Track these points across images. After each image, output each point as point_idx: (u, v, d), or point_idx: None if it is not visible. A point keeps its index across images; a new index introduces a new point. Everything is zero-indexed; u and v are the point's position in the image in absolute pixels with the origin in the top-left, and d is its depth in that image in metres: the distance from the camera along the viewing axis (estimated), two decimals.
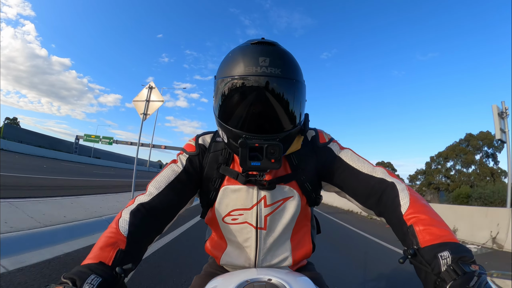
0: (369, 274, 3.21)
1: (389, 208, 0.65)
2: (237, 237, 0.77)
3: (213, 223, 0.82)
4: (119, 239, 0.58)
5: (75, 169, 16.36)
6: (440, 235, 0.54)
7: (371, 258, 3.96)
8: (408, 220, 0.59)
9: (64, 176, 10.71)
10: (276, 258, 0.78)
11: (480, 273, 0.46)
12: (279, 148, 0.61)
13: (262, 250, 0.77)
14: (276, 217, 0.75)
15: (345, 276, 3.07)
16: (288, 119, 0.66)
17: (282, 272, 0.65)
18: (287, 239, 0.79)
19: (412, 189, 0.67)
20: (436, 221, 0.57)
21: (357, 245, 5.08)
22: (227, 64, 0.67)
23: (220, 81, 0.66)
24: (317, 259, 0.91)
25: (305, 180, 0.75)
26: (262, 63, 0.62)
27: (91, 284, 0.47)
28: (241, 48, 0.67)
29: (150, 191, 0.70)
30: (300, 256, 0.81)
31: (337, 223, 7.89)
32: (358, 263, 3.64)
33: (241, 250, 0.78)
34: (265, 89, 0.62)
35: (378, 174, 0.70)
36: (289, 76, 0.64)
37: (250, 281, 0.58)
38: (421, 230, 0.56)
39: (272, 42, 0.67)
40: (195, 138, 0.81)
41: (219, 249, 0.83)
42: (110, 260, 0.54)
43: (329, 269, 3.16)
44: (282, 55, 0.65)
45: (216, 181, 0.75)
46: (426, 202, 0.64)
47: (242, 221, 0.75)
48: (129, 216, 0.63)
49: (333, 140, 0.79)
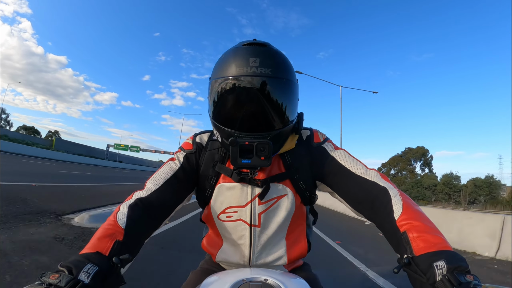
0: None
1: (381, 214, 0.65)
2: (232, 234, 0.78)
3: (209, 221, 0.83)
4: (117, 231, 0.59)
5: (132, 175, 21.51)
6: (434, 243, 0.53)
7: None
8: (401, 227, 0.59)
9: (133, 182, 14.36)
10: (271, 256, 0.79)
11: (475, 285, 0.46)
12: (268, 146, 0.63)
13: (256, 247, 0.78)
14: (270, 215, 0.76)
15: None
16: (279, 118, 0.67)
17: (277, 272, 0.66)
18: (282, 237, 0.79)
19: (405, 195, 0.66)
20: (430, 228, 0.57)
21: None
22: (219, 66, 0.69)
23: (213, 82, 0.69)
24: (312, 260, 0.92)
25: (299, 179, 0.76)
26: (253, 64, 0.63)
27: (87, 273, 0.47)
28: (233, 49, 0.69)
29: (148, 187, 0.72)
30: (295, 255, 0.81)
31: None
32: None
33: (236, 247, 0.80)
34: (255, 88, 0.63)
35: (371, 177, 0.70)
36: (279, 76, 0.65)
37: (246, 280, 0.58)
38: (415, 237, 0.55)
39: (263, 43, 0.68)
40: (192, 136, 0.83)
41: (215, 246, 0.84)
42: (108, 251, 0.54)
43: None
44: (272, 55, 0.67)
45: (212, 179, 0.77)
46: (419, 208, 0.63)
47: (236, 218, 0.76)
48: (127, 210, 0.64)
49: (327, 140, 0.80)
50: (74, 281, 0.45)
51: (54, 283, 0.44)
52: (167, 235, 4.11)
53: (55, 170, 13.89)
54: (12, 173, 8.44)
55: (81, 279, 0.46)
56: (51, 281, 0.45)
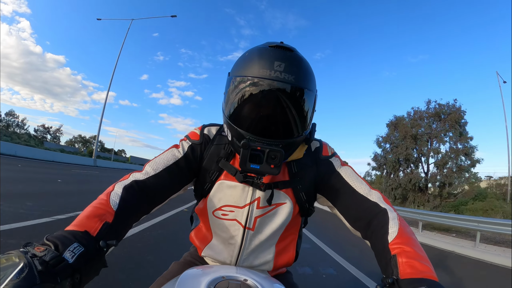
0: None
1: (376, 234, 0.65)
2: (224, 233, 0.77)
3: (202, 214, 0.82)
4: (108, 212, 0.57)
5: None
6: (421, 271, 0.53)
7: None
8: (393, 249, 0.59)
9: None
10: (258, 260, 0.79)
11: None
12: (280, 155, 0.61)
13: (245, 249, 0.77)
14: (266, 221, 0.75)
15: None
16: (295, 127, 0.66)
17: (260, 275, 0.65)
18: (273, 244, 0.79)
19: (403, 220, 0.67)
20: (420, 255, 0.57)
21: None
22: (242, 63, 0.67)
23: (232, 79, 0.67)
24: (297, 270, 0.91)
25: (301, 190, 0.75)
26: (277, 68, 0.62)
27: (72, 252, 0.46)
28: (258, 49, 0.67)
29: (146, 170, 0.70)
30: (281, 263, 0.81)
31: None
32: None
33: (225, 246, 0.78)
34: (276, 94, 0.62)
35: (373, 198, 0.70)
36: (302, 85, 0.64)
37: (226, 277, 0.58)
38: (404, 262, 0.55)
39: (291, 48, 0.66)
40: (201, 127, 0.81)
41: (204, 240, 0.82)
42: (96, 231, 0.53)
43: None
44: (298, 62, 0.65)
45: (213, 174, 0.75)
46: (414, 235, 0.64)
47: (232, 218, 0.75)
48: (122, 191, 0.63)
49: (335, 155, 0.79)
50: (59, 258, 0.44)
51: (39, 255, 0.43)
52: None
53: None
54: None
55: (66, 257, 0.45)
56: (36, 253, 0.43)
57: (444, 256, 5.33)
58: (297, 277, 0.94)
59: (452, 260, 5.13)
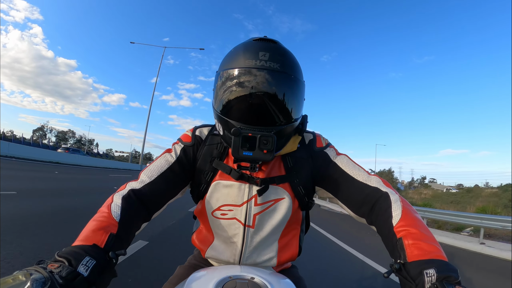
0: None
1: (380, 218, 0.65)
2: (225, 232, 0.77)
3: (202, 216, 0.81)
4: (111, 224, 0.58)
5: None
6: (428, 251, 0.53)
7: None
8: (398, 233, 0.59)
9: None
10: (261, 257, 0.78)
11: None
12: (272, 139, 0.61)
13: (248, 247, 0.77)
14: (266, 217, 0.75)
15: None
16: (283, 113, 0.66)
17: (265, 272, 0.65)
18: (275, 240, 0.79)
19: (406, 201, 0.66)
20: (426, 236, 0.57)
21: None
22: (228, 58, 0.69)
23: (220, 74, 0.68)
24: (302, 263, 0.92)
25: (299, 183, 0.74)
26: (262, 57, 0.63)
27: (86, 266, 0.47)
28: (243, 43, 0.69)
29: (142, 179, 0.70)
30: (285, 258, 0.81)
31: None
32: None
33: (227, 245, 0.78)
34: (263, 81, 0.63)
35: (373, 183, 0.70)
36: (288, 72, 0.65)
37: (233, 277, 0.58)
38: (410, 244, 0.55)
39: (274, 40, 0.69)
40: (192, 129, 0.81)
41: (206, 242, 0.82)
42: (103, 243, 0.53)
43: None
44: (282, 51, 0.67)
45: (208, 174, 0.75)
46: (418, 215, 0.63)
47: (231, 217, 0.75)
48: (121, 201, 0.63)
49: (330, 145, 0.79)
50: (74, 273, 0.44)
51: (55, 272, 0.43)
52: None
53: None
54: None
55: (80, 271, 0.46)
56: (51, 269, 0.43)
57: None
58: (303, 271, 0.94)
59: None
